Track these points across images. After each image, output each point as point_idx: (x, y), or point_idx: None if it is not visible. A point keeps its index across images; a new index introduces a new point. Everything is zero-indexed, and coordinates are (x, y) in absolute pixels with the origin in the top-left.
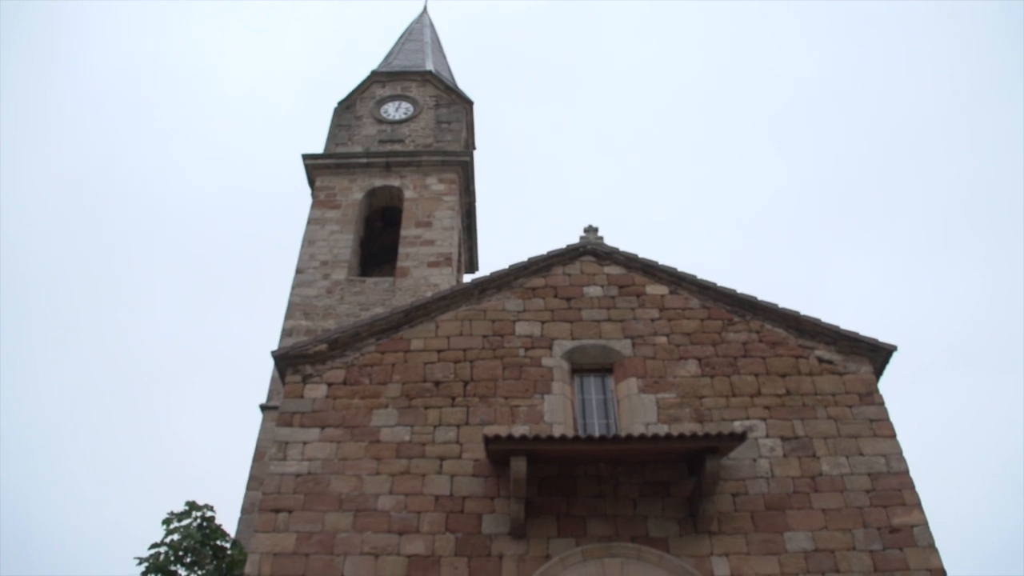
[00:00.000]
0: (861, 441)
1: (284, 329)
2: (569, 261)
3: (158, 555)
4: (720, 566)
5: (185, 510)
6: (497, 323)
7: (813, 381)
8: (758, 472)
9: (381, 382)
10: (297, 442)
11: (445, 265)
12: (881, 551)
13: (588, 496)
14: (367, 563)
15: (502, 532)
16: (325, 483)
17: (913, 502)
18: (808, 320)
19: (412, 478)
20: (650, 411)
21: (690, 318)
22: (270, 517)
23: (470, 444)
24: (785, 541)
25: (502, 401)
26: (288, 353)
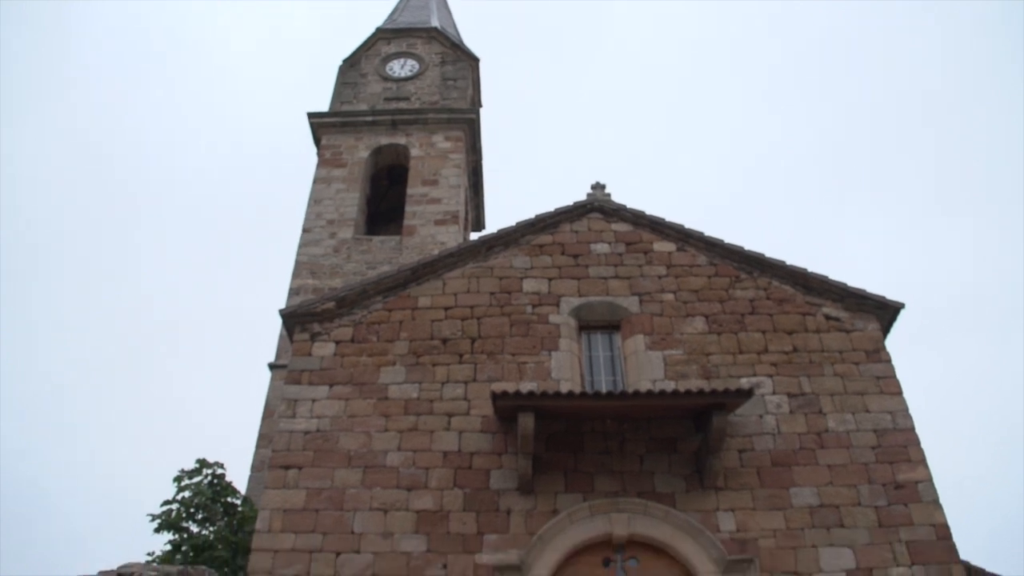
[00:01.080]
0: (867, 398)
1: (291, 288)
2: (576, 218)
3: (170, 512)
4: (726, 521)
5: (196, 468)
6: (504, 280)
7: (820, 338)
8: (764, 428)
9: (389, 339)
10: (306, 399)
11: (452, 223)
12: (886, 506)
13: (595, 452)
14: (376, 518)
15: (510, 487)
16: (334, 440)
17: (918, 458)
18: (815, 277)
19: (420, 434)
20: (657, 368)
21: (697, 275)
22: (280, 474)
23: (478, 401)
24: (791, 496)
25: (509, 358)
26: (296, 311)
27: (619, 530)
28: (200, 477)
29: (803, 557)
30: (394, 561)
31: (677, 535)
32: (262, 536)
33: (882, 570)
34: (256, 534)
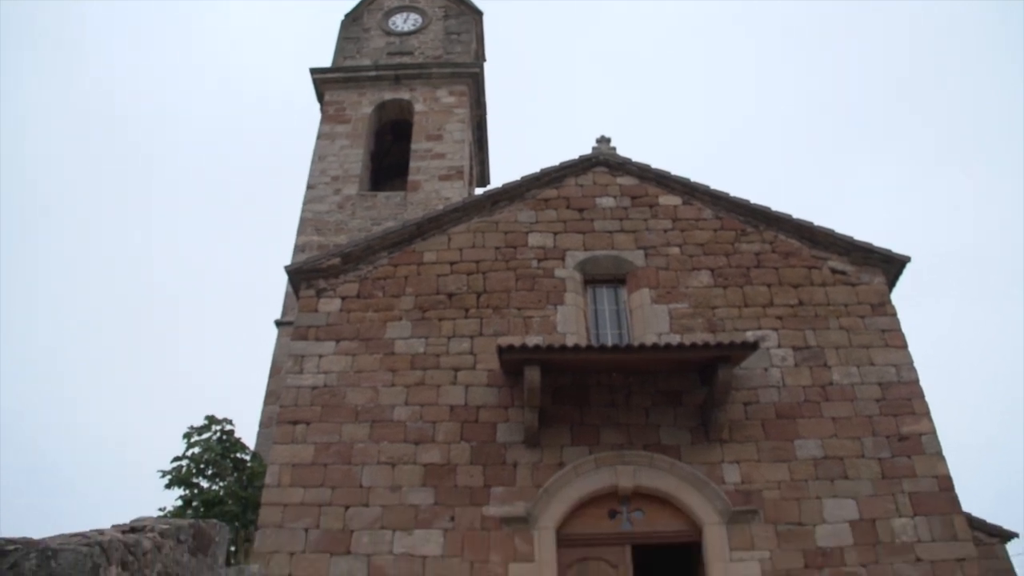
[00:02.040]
0: (872, 351)
1: (296, 245)
2: (582, 172)
3: (180, 468)
4: (731, 473)
5: (205, 424)
6: (510, 235)
7: (826, 291)
8: (769, 381)
9: (394, 295)
10: (313, 355)
11: (456, 178)
12: (889, 458)
13: (601, 405)
14: (384, 472)
15: (516, 441)
16: (341, 395)
17: (922, 411)
18: (822, 231)
19: (427, 389)
20: (663, 321)
21: (703, 228)
22: (288, 429)
23: (484, 355)
24: (795, 448)
25: (515, 312)
26: (301, 268)
27: (625, 482)
28: (209, 433)
29: (807, 508)
30: (402, 514)
31: (682, 487)
32: (271, 491)
33: (885, 521)
34: (266, 489)
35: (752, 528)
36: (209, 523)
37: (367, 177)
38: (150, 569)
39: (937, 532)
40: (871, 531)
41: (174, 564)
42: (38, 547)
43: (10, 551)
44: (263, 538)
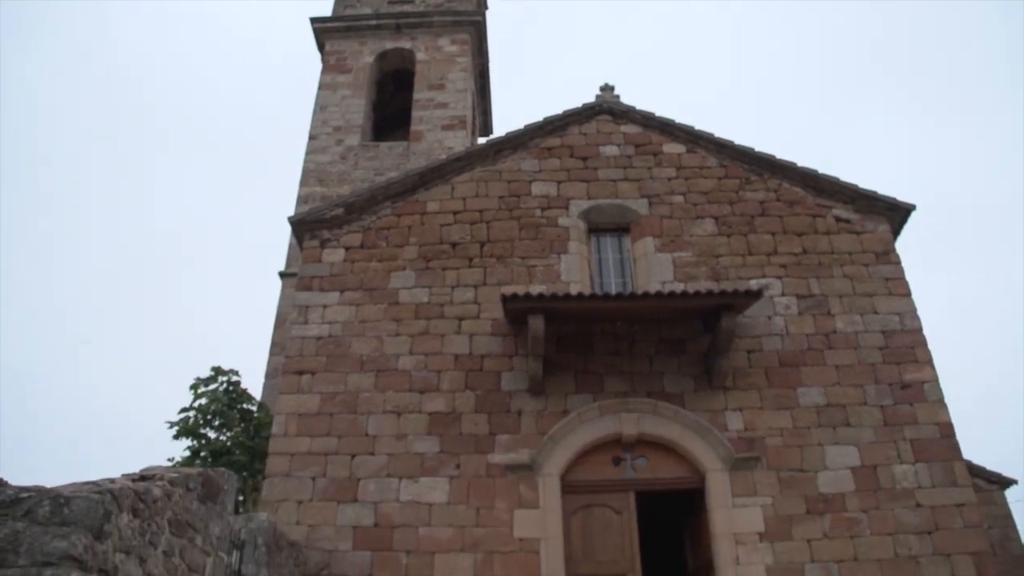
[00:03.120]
0: (876, 299)
1: (299, 196)
2: (585, 120)
3: (187, 419)
4: (734, 420)
5: (211, 375)
6: (513, 184)
7: (830, 240)
8: (773, 329)
9: (398, 245)
10: (317, 306)
11: (459, 128)
12: (891, 406)
13: (605, 353)
14: (390, 421)
15: (521, 389)
16: (346, 345)
17: (925, 359)
18: (826, 179)
19: (431, 338)
20: (666, 269)
21: (707, 177)
22: (294, 379)
23: (488, 304)
24: (798, 396)
25: (519, 261)
26: (305, 218)
27: (628, 429)
28: (216, 384)
29: (809, 455)
30: (408, 462)
31: (686, 434)
32: (278, 440)
33: (886, 467)
34: (272, 438)
35: (754, 474)
36: (217, 471)
37: (369, 127)
38: (160, 516)
39: (937, 478)
40: (872, 477)
41: (184, 511)
42: (51, 495)
43: (24, 498)
44: (271, 487)
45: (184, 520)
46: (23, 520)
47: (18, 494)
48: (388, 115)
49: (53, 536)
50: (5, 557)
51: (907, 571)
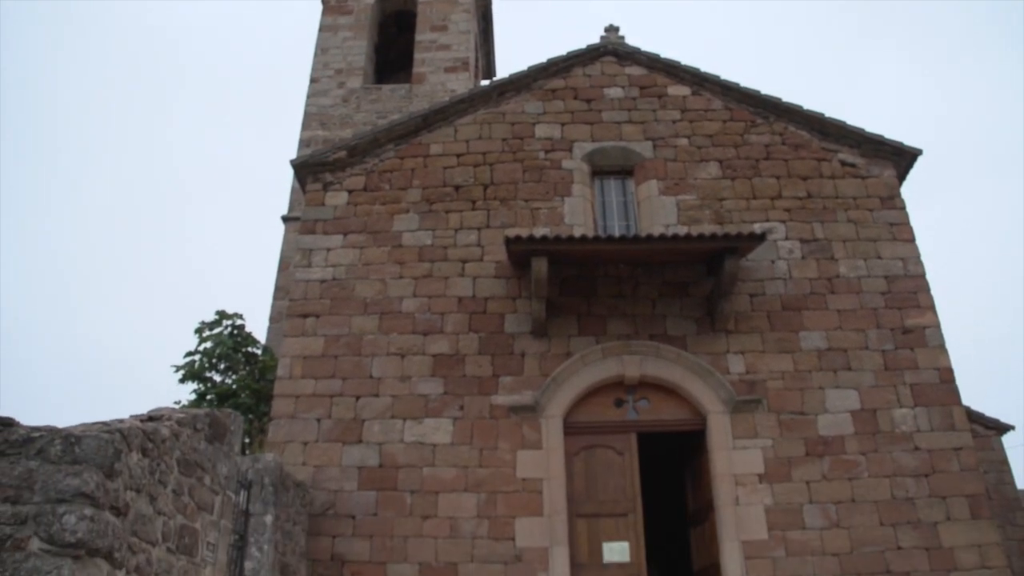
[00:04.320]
0: (880, 244)
1: (301, 140)
2: (589, 62)
3: (193, 363)
4: (735, 363)
5: (216, 319)
6: (516, 126)
7: (835, 184)
8: (776, 273)
9: (401, 187)
10: (320, 249)
11: (462, 70)
12: (892, 350)
13: (608, 296)
14: (394, 363)
15: (524, 331)
16: (350, 288)
17: (927, 304)
18: (832, 122)
19: (435, 281)
20: (670, 213)
21: (712, 120)
22: (298, 322)
23: (491, 247)
24: (800, 340)
25: (522, 204)
26: (308, 161)
27: (631, 372)
28: (220, 328)
29: (810, 398)
30: (412, 403)
31: (687, 376)
32: (283, 382)
33: (886, 411)
34: (278, 381)
35: (755, 417)
36: (224, 412)
37: (371, 70)
38: (169, 456)
39: (936, 422)
40: (871, 421)
41: (191, 451)
42: (61, 434)
43: (36, 438)
44: (276, 428)
45: (192, 460)
46: (36, 459)
47: (30, 433)
48: (390, 58)
49: (66, 474)
50: (20, 494)
51: (903, 512)
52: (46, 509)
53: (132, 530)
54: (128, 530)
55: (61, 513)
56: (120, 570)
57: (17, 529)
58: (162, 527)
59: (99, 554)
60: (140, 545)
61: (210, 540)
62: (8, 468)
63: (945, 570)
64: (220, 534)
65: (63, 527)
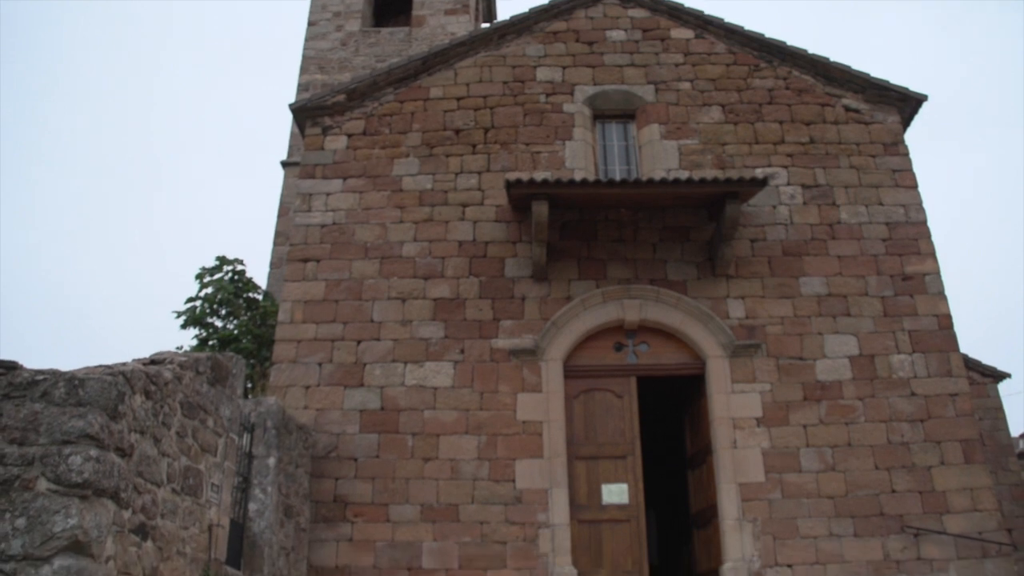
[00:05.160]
0: (882, 191)
1: (300, 84)
2: (592, 4)
3: (194, 308)
4: (735, 308)
5: (216, 265)
6: (517, 69)
7: (838, 130)
8: (777, 219)
9: (401, 131)
10: (320, 193)
11: (462, 12)
12: (892, 297)
13: (609, 240)
14: (395, 307)
15: (524, 275)
16: (350, 232)
17: (928, 251)
18: (837, 67)
19: (435, 225)
20: (672, 157)
21: (715, 63)
22: (299, 267)
23: (492, 191)
24: (800, 285)
25: (523, 148)
26: (306, 105)
27: (631, 316)
28: (221, 274)
29: (809, 343)
30: (413, 347)
31: (687, 321)
32: (285, 327)
33: (883, 357)
34: (279, 325)
35: (754, 361)
36: (226, 355)
37: (370, 12)
38: (172, 398)
39: (933, 368)
40: (869, 366)
41: (194, 394)
42: (65, 377)
43: (40, 381)
44: (278, 373)
45: (195, 402)
46: (40, 401)
47: (34, 376)
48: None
49: (70, 416)
50: (27, 436)
51: (898, 457)
52: (52, 450)
53: (137, 471)
54: (133, 471)
55: (67, 454)
56: (126, 510)
57: (24, 470)
58: (167, 468)
59: (105, 494)
60: (145, 486)
61: (214, 481)
62: (13, 411)
63: (937, 513)
64: (224, 476)
65: (69, 468)
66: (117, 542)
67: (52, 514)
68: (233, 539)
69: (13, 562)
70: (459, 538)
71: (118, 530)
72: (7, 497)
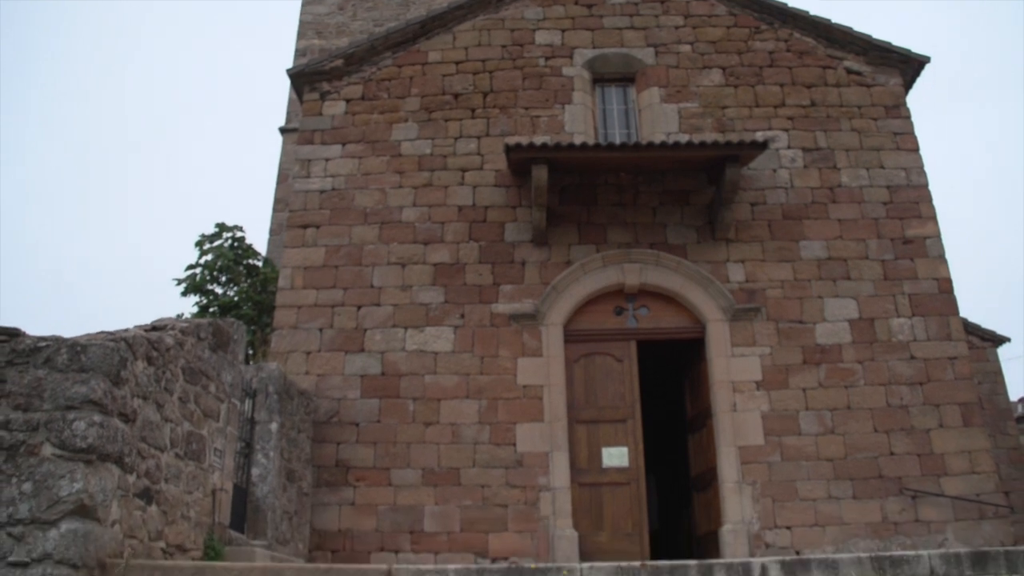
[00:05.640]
0: (883, 154)
1: (297, 49)
2: None
3: (194, 276)
4: (735, 272)
5: (216, 232)
6: (516, 32)
7: (840, 92)
8: (777, 182)
9: (400, 96)
10: (319, 159)
11: None
12: (892, 260)
13: (609, 204)
14: (395, 272)
15: (524, 240)
16: (349, 198)
17: (929, 215)
18: (839, 28)
19: (435, 190)
20: (672, 120)
21: (716, 25)
22: (298, 233)
23: (491, 155)
24: (800, 249)
25: (522, 112)
26: (304, 70)
27: (631, 280)
28: (221, 241)
29: (808, 307)
30: (413, 312)
31: (687, 285)
32: (285, 293)
33: (883, 320)
34: (279, 291)
35: (754, 325)
36: (227, 321)
37: None
38: (174, 364)
39: (933, 332)
40: (869, 330)
41: (196, 360)
42: (67, 343)
43: (43, 347)
44: (279, 339)
45: (197, 368)
46: (43, 367)
47: (36, 343)
48: None
49: (73, 382)
50: (31, 402)
51: (897, 419)
52: (56, 416)
53: (141, 436)
54: (137, 436)
55: (71, 419)
56: (131, 475)
57: (30, 435)
58: (170, 433)
59: (110, 459)
60: (149, 451)
61: (217, 447)
62: (17, 377)
63: (936, 475)
64: (227, 441)
65: (73, 433)
66: (122, 506)
67: (58, 479)
68: (237, 503)
69: (21, 525)
70: (460, 501)
71: (123, 494)
72: (13, 462)
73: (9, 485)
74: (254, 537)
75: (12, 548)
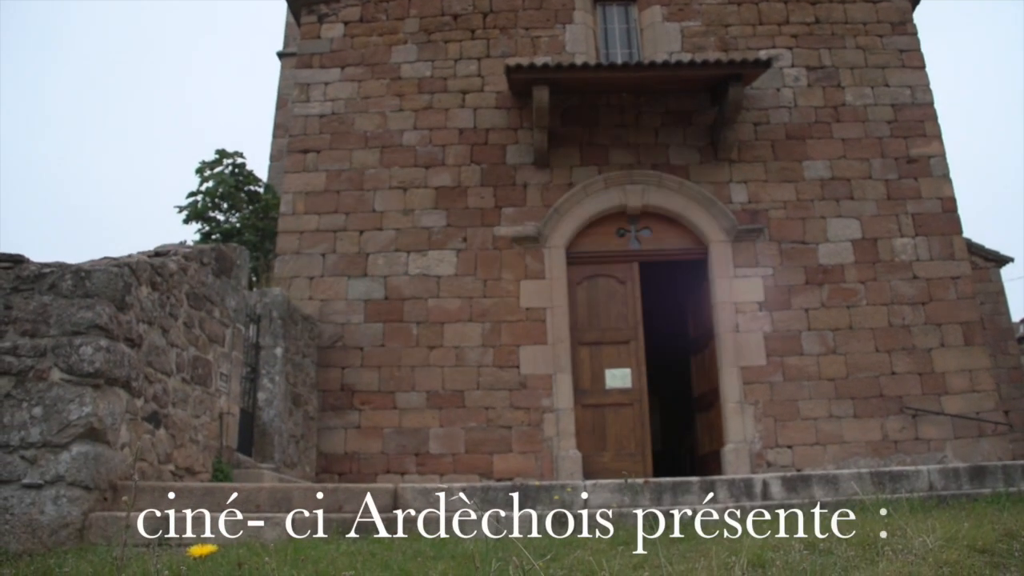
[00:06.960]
0: (888, 72)
1: None
2: None
3: (196, 203)
4: (738, 192)
5: (216, 159)
6: None
7: (844, 9)
8: (781, 102)
9: (398, 17)
10: (318, 83)
11: None
12: (896, 180)
13: (610, 126)
14: (396, 196)
15: (526, 162)
16: (350, 122)
17: (934, 133)
18: None
19: (435, 113)
20: (674, 40)
21: None
22: (299, 158)
23: (492, 77)
24: (803, 169)
25: (523, 32)
26: None
27: (633, 201)
28: (221, 168)
29: (811, 227)
30: (416, 236)
31: (690, 206)
32: (287, 219)
33: (886, 240)
34: (281, 217)
35: (756, 246)
36: (229, 246)
37: None
38: (178, 289)
39: (936, 251)
40: (872, 250)
41: (200, 285)
42: (71, 269)
43: (47, 274)
44: (282, 264)
45: (201, 293)
46: (49, 294)
47: (40, 269)
48: None
49: (79, 308)
50: (37, 328)
51: (899, 339)
52: (63, 341)
53: (147, 361)
54: (143, 361)
55: (78, 344)
56: (138, 399)
57: (38, 361)
58: (176, 358)
59: (117, 383)
60: (156, 375)
61: (223, 371)
62: (23, 303)
63: (936, 393)
64: (232, 366)
65: (81, 358)
66: (131, 429)
67: (67, 403)
68: (244, 427)
69: (33, 449)
70: (465, 423)
71: (131, 418)
72: (23, 387)
73: (20, 409)
74: (261, 460)
75: (26, 471)
